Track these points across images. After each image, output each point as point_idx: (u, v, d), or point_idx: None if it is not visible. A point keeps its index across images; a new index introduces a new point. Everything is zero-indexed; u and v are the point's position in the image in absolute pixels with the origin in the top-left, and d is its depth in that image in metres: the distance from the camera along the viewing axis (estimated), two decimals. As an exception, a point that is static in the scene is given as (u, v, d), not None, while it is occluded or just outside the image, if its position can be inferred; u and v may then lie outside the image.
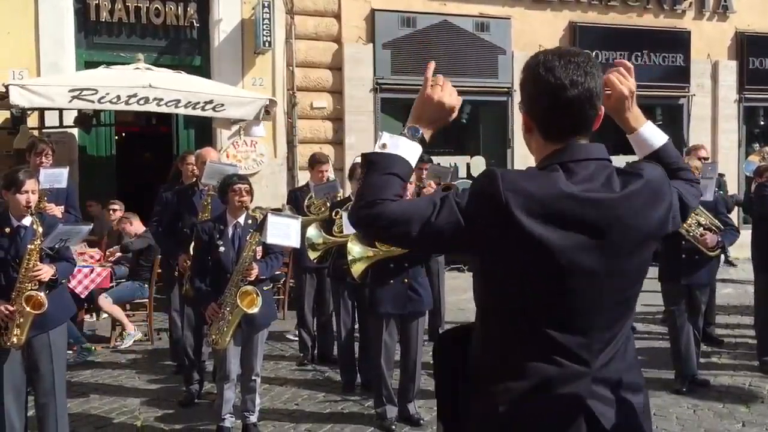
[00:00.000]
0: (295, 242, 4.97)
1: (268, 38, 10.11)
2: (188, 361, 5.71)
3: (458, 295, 8.57)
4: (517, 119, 11.64)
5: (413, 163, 1.87)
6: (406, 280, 5.06)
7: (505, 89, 11.59)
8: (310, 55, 10.79)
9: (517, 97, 11.04)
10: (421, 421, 5.06)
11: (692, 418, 5.28)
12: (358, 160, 6.75)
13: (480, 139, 12.04)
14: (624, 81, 2.02)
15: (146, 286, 7.52)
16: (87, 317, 7.85)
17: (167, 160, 10.69)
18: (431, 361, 6.26)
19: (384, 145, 1.85)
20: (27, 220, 4.17)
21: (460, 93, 2.01)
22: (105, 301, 7.26)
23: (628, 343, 1.90)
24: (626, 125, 2.10)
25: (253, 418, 4.88)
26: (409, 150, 1.86)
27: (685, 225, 5.45)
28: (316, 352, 6.76)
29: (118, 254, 7.91)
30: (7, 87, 7.81)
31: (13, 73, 9.11)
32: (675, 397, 5.60)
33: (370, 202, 1.79)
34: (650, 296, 5.52)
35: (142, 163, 12.20)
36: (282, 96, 10.44)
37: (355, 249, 5.14)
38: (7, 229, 4.17)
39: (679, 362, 5.83)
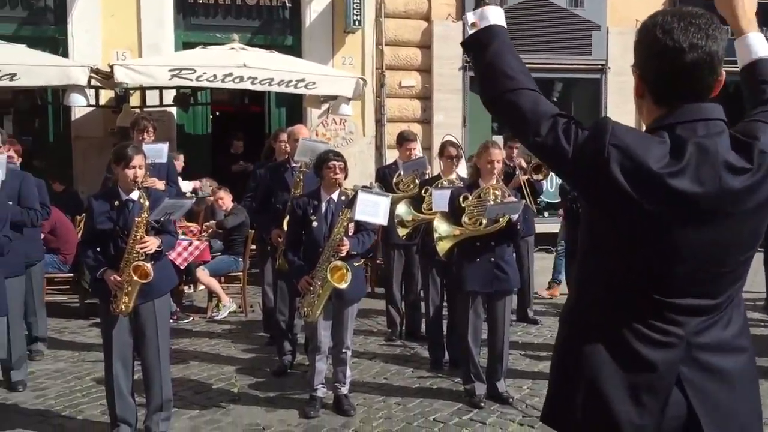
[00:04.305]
0: (382, 220, 5.01)
1: (358, 17, 10.17)
2: (281, 332, 5.88)
3: (547, 276, 8.45)
4: (611, 97, 11.30)
5: (504, 25, 1.93)
6: (492, 259, 5.04)
7: (599, 66, 11.21)
8: (399, 34, 10.79)
9: (611, 75, 10.68)
10: (510, 400, 5.05)
11: (796, 408, 5.05)
12: (447, 137, 6.76)
13: (571, 118, 11.76)
14: None
15: (240, 260, 7.79)
16: (185, 288, 8.19)
17: (259, 138, 10.98)
18: (519, 341, 6.26)
19: (474, 24, 1.92)
20: (135, 194, 4.37)
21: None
22: (202, 273, 7.58)
23: (734, 310, 1.84)
24: (735, 25, 2.02)
25: (344, 390, 5.00)
26: (498, 15, 1.92)
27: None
28: (404, 328, 6.84)
29: (212, 230, 8.21)
30: (112, 67, 8.19)
31: (117, 53, 9.54)
32: (777, 387, 5.37)
33: (504, 91, 1.86)
34: (752, 282, 5.29)
35: (235, 140, 12.51)
36: (371, 75, 10.49)
37: (441, 227, 5.16)
38: (116, 203, 4.38)
39: (782, 350, 5.59)
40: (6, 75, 7.67)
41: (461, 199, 5.02)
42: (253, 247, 7.52)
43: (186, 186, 8.56)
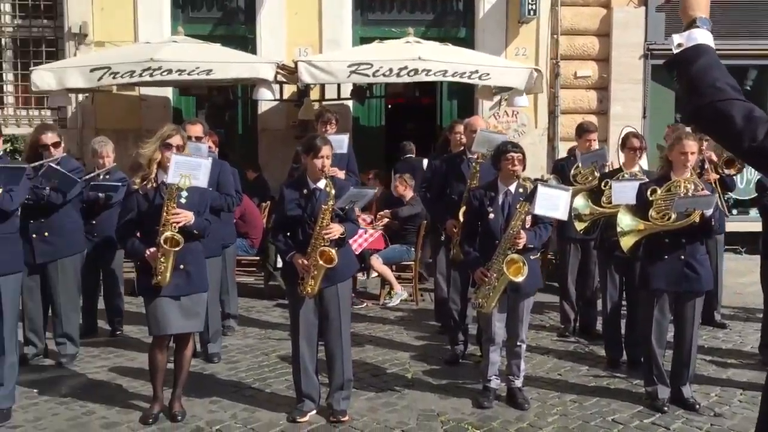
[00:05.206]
0: (562, 214, 4.89)
1: (533, 6, 9.98)
2: (453, 322, 5.92)
3: (735, 278, 7.87)
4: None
5: (713, 45, 1.93)
6: (682, 257, 4.76)
7: (801, 51, 10.22)
8: (576, 22, 10.47)
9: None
10: (697, 406, 4.77)
11: None
12: (629, 129, 6.48)
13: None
14: None
15: (413, 249, 7.95)
16: (359, 275, 8.48)
17: (430, 130, 11.12)
18: (705, 346, 5.86)
19: (680, 45, 1.94)
20: (321, 183, 4.59)
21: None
22: (376, 261, 7.82)
23: None
24: None
25: (518, 383, 4.96)
26: (706, 37, 1.92)
27: None
28: (577, 325, 6.66)
29: (387, 219, 8.43)
30: (296, 63, 8.64)
31: (299, 50, 10.04)
32: None
33: (713, 101, 1.84)
34: None
35: (406, 133, 12.77)
36: (545, 65, 10.27)
37: (625, 221, 4.95)
38: (305, 191, 4.63)
39: None
40: (203, 71, 8.34)
41: (649, 193, 4.79)
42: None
43: None
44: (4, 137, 4.65)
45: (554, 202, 4.77)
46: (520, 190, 4.97)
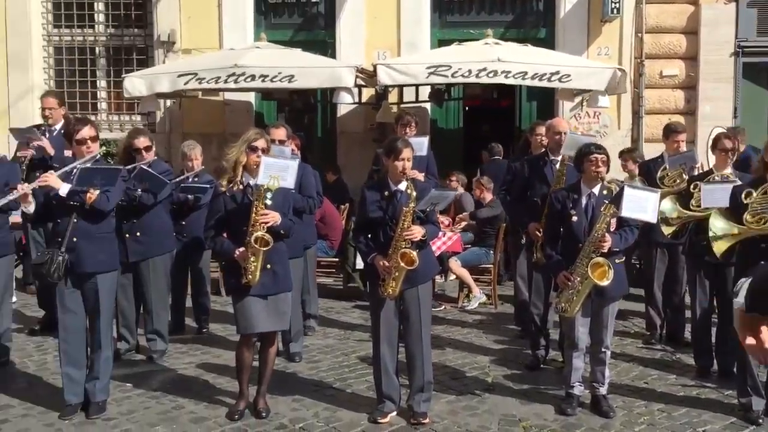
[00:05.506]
0: (651, 217, 4.75)
1: (617, 5, 9.74)
2: (534, 327, 5.84)
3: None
4: None
5: None
6: (780, 263, 4.55)
7: None
8: (662, 20, 10.16)
9: None
10: (795, 420, 4.56)
11: None
12: (719, 129, 6.24)
13: None
14: None
15: (491, 252, 7.88)
16: (437, 278, 8.47)
17: (508, 132, 11.00)
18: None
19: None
20: (402, 185, 4.61)
21: None
22: (455, 264, 7.79)
23: None
24: None
25: (603, 390, 4.84)
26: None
27: None
28: (664, 332, 6.45)
29: (465, 222, 8.39)
30: (374, 66, 8.71)
31: (378, 53, 10.11)
32: None
33: None
34: None
35: (484, 135, 12.69)
36: (629, 65, 10.00)
37: (717, 225, 4.78)
38: (386, 193, 4.65)
39: None
40: (285, 77, 8.52)
41: (744, 196, 4.60)
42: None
43: None
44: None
45: (642, 204, 4.64)
46: (605, 192, 4.86)
